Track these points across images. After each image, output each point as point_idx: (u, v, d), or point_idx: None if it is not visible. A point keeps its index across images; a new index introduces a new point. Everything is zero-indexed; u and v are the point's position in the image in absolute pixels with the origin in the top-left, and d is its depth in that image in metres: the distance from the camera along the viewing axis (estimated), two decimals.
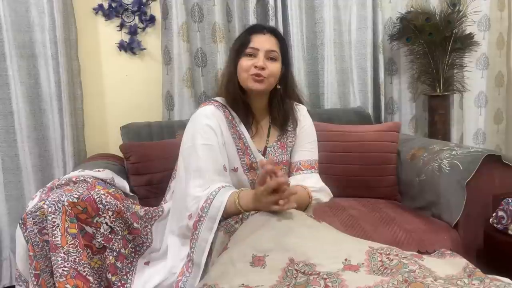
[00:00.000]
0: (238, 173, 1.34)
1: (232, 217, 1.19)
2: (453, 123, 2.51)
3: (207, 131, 1.29)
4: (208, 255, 1.17)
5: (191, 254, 1.19)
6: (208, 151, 1.27)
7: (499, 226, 1.45)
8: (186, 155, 1.31)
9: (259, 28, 1.37)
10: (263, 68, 1.30)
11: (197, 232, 1.18)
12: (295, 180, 1.38)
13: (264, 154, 1.39)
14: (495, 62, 2.56)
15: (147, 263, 1.32)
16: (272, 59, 1.33)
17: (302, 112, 1.47)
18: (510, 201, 1.42)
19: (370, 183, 1.88)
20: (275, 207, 1.11)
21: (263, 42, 1.32)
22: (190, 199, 1.24)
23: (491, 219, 1.48)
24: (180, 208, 1.31)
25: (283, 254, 0.97)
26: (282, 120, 1.41)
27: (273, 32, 1.37)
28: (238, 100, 1.35)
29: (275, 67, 1.33)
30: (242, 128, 1.36)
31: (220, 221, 1.19)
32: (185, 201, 1.25)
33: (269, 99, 1.41)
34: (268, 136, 1.42)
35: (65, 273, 1.12)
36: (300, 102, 1.49)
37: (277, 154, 1.41)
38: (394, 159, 1.88)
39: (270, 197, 1.11)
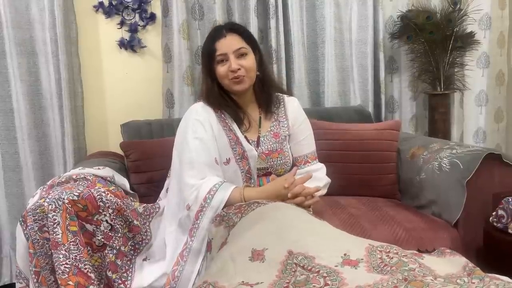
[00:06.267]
0: (230, 164, 1.39)
1: (233, 210, 1.21)
2: (454, 121, 2.51)
3: (197, 125, 1.37)
4: (207, 250, 1.21)
5: (190, 243, 1.24)
6: (199, 144, 1.34)
7: (499, 225, 1.45)
8: (180, 151, 1.38)
9: (218, 32, 1.41)
10: (238, 69, 1.36)
11: (198, 222, 1.24)
12: (306, 172, 1.45)
13: (258, 144, 1.45)
14: (495, 60, 2.55)
15: (145, 259, 1.33)
16: (243, 55, 1.38)
17: (293, 104, 1.55)
18: (510, 200, 1.42)
19: (370, 182, 1.88)
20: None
21: (227, 45, 1.38)
22: (187, 188, 1.29)
23: (491, 218, 1.48)
24: (177, 202, 1.36)
25: (282, 247, 0.97)
26: (266, 103, 1.48)
27: (233, 29, 1.42)
28: (223, 105, 1.42)
29: (249, 62, 1.39)
30: (231, 121, 1.43)
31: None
32: (182, 193, 1.31)
33: (254, 88, 1.47)
34: (260, 127, 1.48)
35: (67, 269, 1.12)
36: (278, 85, 1.58)
37: (270, 143, 1.47)
38: (394, 157, 1.88)
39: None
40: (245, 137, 1.44)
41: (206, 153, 1.33)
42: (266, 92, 1.48)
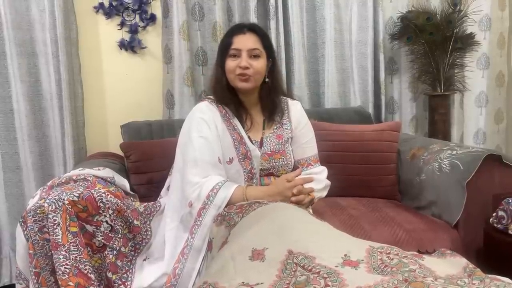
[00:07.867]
0: (233, 164, 1.40)
1: (234, 210, 1.21)
2: (454, 122, 2.52)
3: (201, 124, 1.38)
4: (208, 249, 1.21)
5: (191, 240, 1.24)
6: (203, 143, 1.35)
7: (499, 226, 1.45)
8: (184, 149, 1.39)
9: (239, 28, 1.44)
10: (247, 68, 1.38)
11: (200, 219, 1.25)
12: (308, 174, 1.47)
13: (261, 145, 1.46)
14: (495, 62, 2.55)
15: (145, 260, 1.33)
16: (256, 56, 1.40)
17: (297, 107, 1.56)
18: (510, 201, 1.42)
19: (370, 183, 1.88)
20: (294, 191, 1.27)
21: (244, 42, 1.40)
22: (189, 186, 1.30)
23: (491, 219, 1.48)
24: (179, 198, 1.36)
25: (282, 247, 0.97)
26: (270, 110, 1.49)
27: (253, 29, 1.44)
28: (227, 99, 1.44)
29: (259, 64, 1.41)
30: (236, 121, 1.44)
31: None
32: (185, 191, 1.32)
33: (260, 93, 1.48)
34: (264, 128, 1.50)
35: (67, 270, 1.12)
36: (285, 94, 1.58)
37: (273, 144, 1.48)
38: (394, 158, 1.88)
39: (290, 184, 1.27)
40: (249, 137, 1.46)
41: (210, 152, 1.35)
42: (272, 100, 1.49)
